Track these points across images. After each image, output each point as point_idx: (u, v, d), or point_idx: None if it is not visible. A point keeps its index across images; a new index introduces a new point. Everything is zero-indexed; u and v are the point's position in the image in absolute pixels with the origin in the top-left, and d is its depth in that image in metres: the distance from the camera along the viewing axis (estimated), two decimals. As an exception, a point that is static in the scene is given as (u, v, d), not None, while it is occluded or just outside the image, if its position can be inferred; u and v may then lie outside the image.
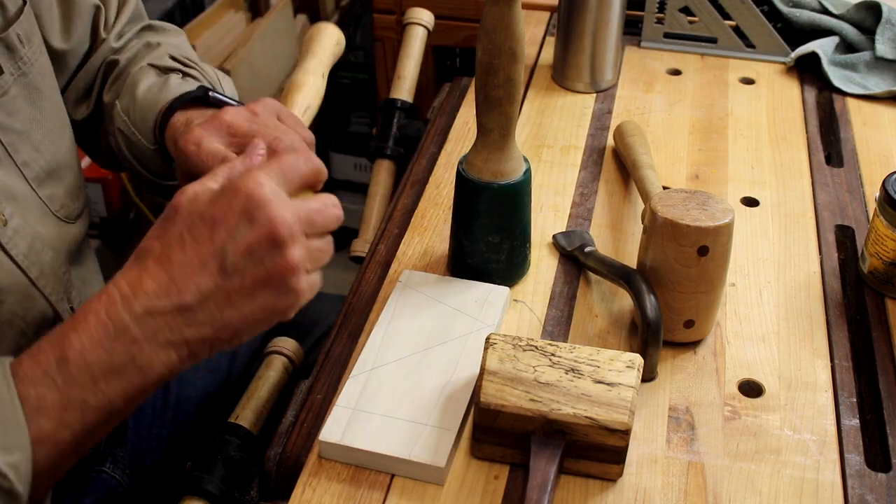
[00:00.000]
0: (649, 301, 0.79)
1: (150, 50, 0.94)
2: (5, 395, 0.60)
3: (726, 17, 1.24)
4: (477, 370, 0.78)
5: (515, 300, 0.89)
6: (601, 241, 0.96)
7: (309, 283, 0.65)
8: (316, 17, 2.36)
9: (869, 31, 1.25)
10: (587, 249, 0.91)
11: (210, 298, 0.61)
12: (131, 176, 0.92)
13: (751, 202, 1.01)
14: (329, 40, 1.15)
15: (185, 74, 0.93)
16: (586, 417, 0.70)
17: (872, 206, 1.00)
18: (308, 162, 0.66)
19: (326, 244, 0.66)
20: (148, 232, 0.64)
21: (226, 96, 0.89)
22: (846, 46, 1.26)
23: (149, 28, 0.97)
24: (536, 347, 0.74)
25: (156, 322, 0.61)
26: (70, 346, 0.61)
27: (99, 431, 0.64)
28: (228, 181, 0.63)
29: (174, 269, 0.61)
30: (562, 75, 1.20)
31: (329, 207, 0.66)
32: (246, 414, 0.81)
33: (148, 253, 0.63)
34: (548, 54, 1.27)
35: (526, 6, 1.35)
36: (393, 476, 0.73)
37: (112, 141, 0.91)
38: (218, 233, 0.61)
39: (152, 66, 0.92)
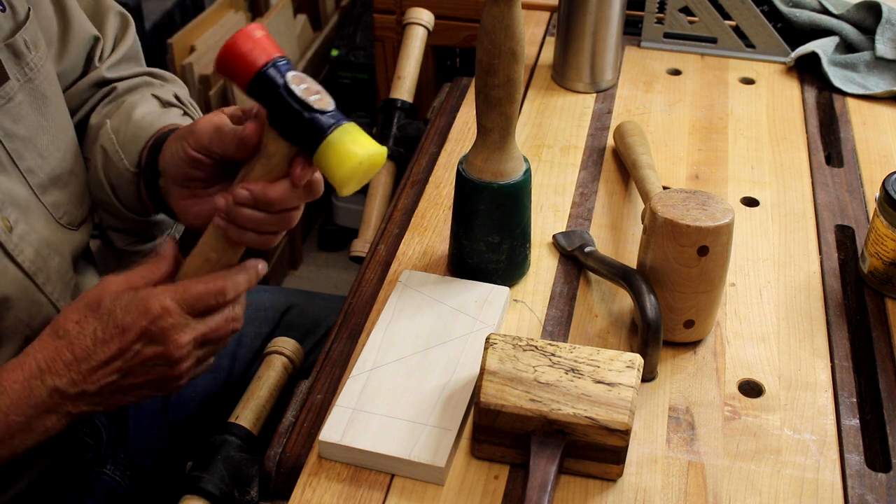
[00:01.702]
0: (649, 301, 0.79)
1: (154, 86, 0.94)
2: None
3: (726, 17, 1.24)
4: (477, 370, 0.78)
5: (515, 300, 0.89)
6: (601, 241, 0.96)
7: (191, 376, 0.76)
8: (316, 17, 2.36)
9: (869, 31, 1.25)
10: (587, 249, 0.91)
11: (107, 389, 0.72)
12: (95, 207, 0.90)
13: (751, 202, 1.01)
14: None
15: (185, 113, 0.93)
16: (586, 417, 0.70)
17: (872, 206, 1.00)
18: (211, 284, 0.72)
19: (217, 349, 0.77)
20: (69, 307, 0.73)
21: None
22: (846, 46, 1.26)
23: (151, 74, 0.97)
24: (536, 347, 0.74)
25: (61, 400, 0.71)
26: None
27: None
28: (143, 296, 0.71)
29: (82, 360, 0.71)
30: (562, 75, 1.20)
31: (227, 324, 0.74)
32: (246, 414, 0.81)
33: (65, 334, 0.72)
34: (548, 54, 1.27)
35: (526, 6, 1.35)
36: (393, 476, 0.73)
37: (88, 165, 0.89)
38: (124, 341, 0.71)
39: (155, 96, 0.92)
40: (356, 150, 0.67)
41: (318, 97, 0.67)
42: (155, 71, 0.97)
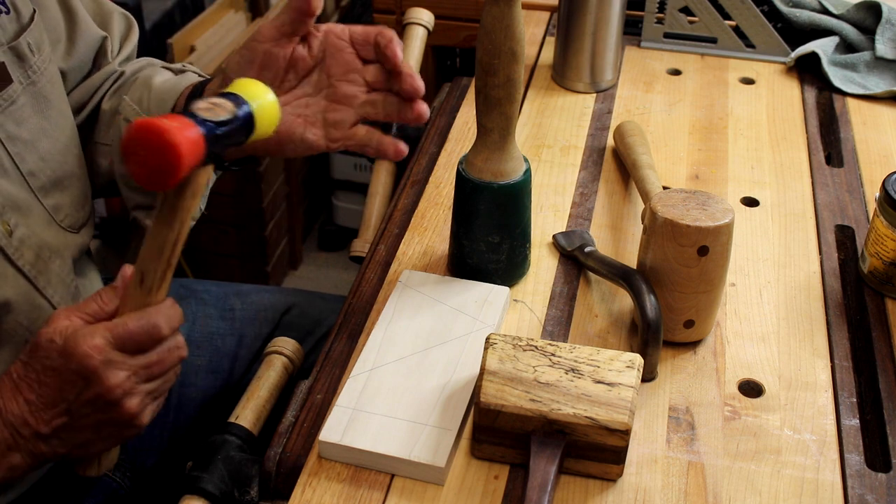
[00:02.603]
0: (649, 301, 0.79)
1: (159, 65, 0.95)
2: None
3: (726, 17, 1.24)
4: (477, 370, 0.78)
5: (515, 300, 0.89)
6: (601, 241, 0.96)
7: (152, 411, 0.73)
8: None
9: (869, 31, 1.25)
10: (587, 249, 0.91)
11: (61, 431, 0.71)
12: (123, 189, 0.89)
13: (751, 202, 1.01)
14: None
15: (199, 74, 0.93)
16: (586, 417, 0.70)
17: (872, 206, 1.00)
18: (143, 321, 0.69)
19: (170, 376, 0.74)
20: (24, 348, 0.71)
21: None
22: (846, 46, 1.26)
23: (151, 63, 0.97)
24: (536, 347, 0.74)
25: (20, 439, 0.70)
26: None
27: None
28: (71, 336, 0.68)
29: (31, 403, 0.70)
30: (562, 75, 1.20)
31: (169, 354, 0.72)
32: (246, 414, 0.81)
33: (17, 376, 0.71)
34: (548, 54, 1.27)
35: (526, 6, 1.35)
36: (393, 476, 0.73)
37: (102, 150, 0.90)
38: (63, 384, 0.69)
39: (166, 67, 0.93)
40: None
41: (212, 108, 0.67)
42: (154, 60, 0.98)
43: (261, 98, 0.69)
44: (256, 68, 0.78)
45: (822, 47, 1.22)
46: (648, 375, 0.81)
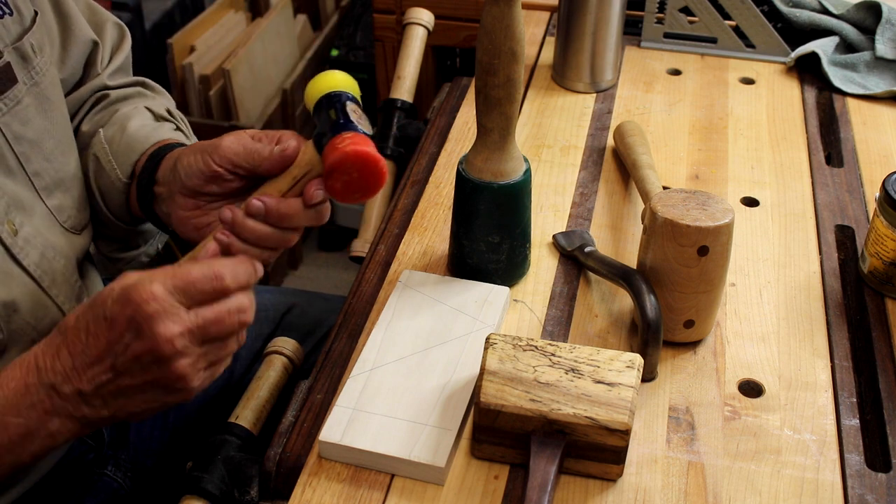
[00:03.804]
0: (649, 301, 0.79)
1: (146, 97, 0.95)
2: None
3: (726, 17, 1.25)
4: (477, 370, 0.78)
5: (515, 300, 0.89)
6: (601, 241, 0.96)
7: (203, 378, 0.69)
8: (316, 17, 2.36)
9: (869, 31, 1.25)
10: (587, 249, 0.91)
11: (104, 389, 0.67)
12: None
13: (751, 202, 1.01)
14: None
15: (177, 128, 0.93)
16: (586, 417, 0.70)
17: (872, 206, 1.00)
18: (206, 269, 0.67)
19: (229, 343, 0.70)
20: (79, 305, 0.70)
21: None
22: (846, 46, 1.26)
23: (143, 84, 0.97)
24: (536, 347, 0.74)
25: (60, 400, 0.67)
26: None
27: (4, 481, 0.71)
28: (129, 282, 0.66)
29: (76, 357, 0.67)
30: (562, 75, 1.20)
31: (230, 316, 0.68)
32: (246, 414, 0.81)
33: (65, 331, 0.68)
34: (548, 54, 1.27)
35: (526, 6, 1.35)
36: (393, 476, 0.73)
37: None
38: (111, 335, 0.66)
39: (148, 109, 0.92)
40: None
41: (362, 117, 0.75)
42: (146, 81, 0.97)
43: (356, 87, 0.77)
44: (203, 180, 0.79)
45: (822, 47, 1.22)
46: (648, 375, 0.81)
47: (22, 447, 0.68)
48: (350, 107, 0.75)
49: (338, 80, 0.76)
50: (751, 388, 0.80)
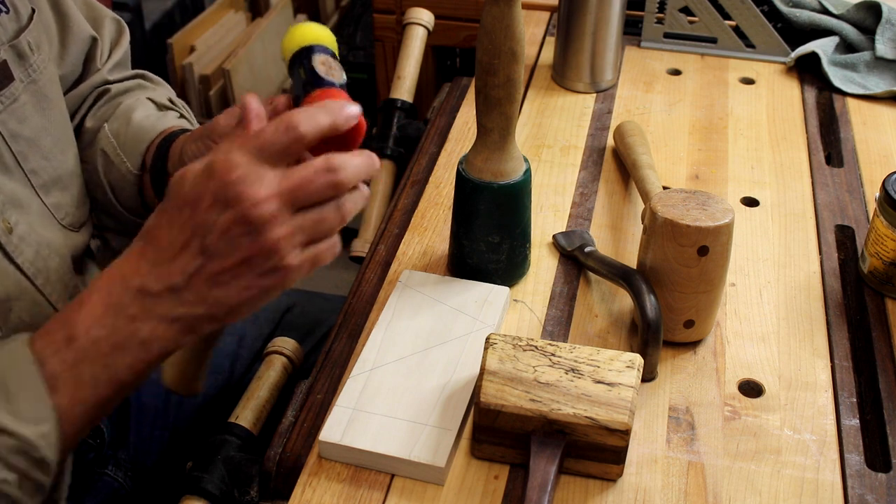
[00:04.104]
0: (649, 301, 0.79)
1: (147, 89, 0.95)
2: (29, 371, 0.63)
3: (726, 17, 1.25)
4: (477, 370, 0.78)
5: (515, 300, 0.89)
6: (601, 241, 0.96)
7: (302, 258, 0.64)
8: (316, 17, 2.36)
9: (869, 31, 1.25)
10: (587, 249, 0.91)
11: (197, 278, 0.63)
12: (93, 210, 0.90)
13: (751, 202, 1.01)
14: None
15: (181, 116, 0.94)
16: (586, 417, 0.70)
17: (872, 206, 1.00)
18: (278, 122, 0.62)
19: (326, 212, 0.63)
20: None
21: None
22: (846, 46, 1.26)
23: (143, 76, 0.97)
24: (536, 347, 0.74)
25: (150, 301, 0.63)
26: (76, 324, 0.64)
27: (109, 405, 0.66)
28: (207, 157, 0.62)
29: (162, 250, 0.63)
30: (562, 75, 1.20)
31: (318, 176, 0.62)
32: (246, 414, 0.81)
33: (146, 233, 0.65)
34: (548, 54, 1.27)
35: (526, 6, 1.35)
36: (393, 476, 0.73)
37: (85, 167, 0.90)
38: (196, 216, 0.62)
39: (151, 100, 0.92)
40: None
41: (332, 68, 0.72)
42: (146, 73, 0.98)
43: (332, 40, 0.73)
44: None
45: (822, 47, 1.22)
46: (648, 375, 0.81)
47: (115, 361, 0.64)
48: (318, 60, 0.71)
49: (306, 35, 0.72)
50: (751, 388, 0.80)
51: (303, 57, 0.71)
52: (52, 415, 0.63)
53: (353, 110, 0.65)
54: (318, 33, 0.72)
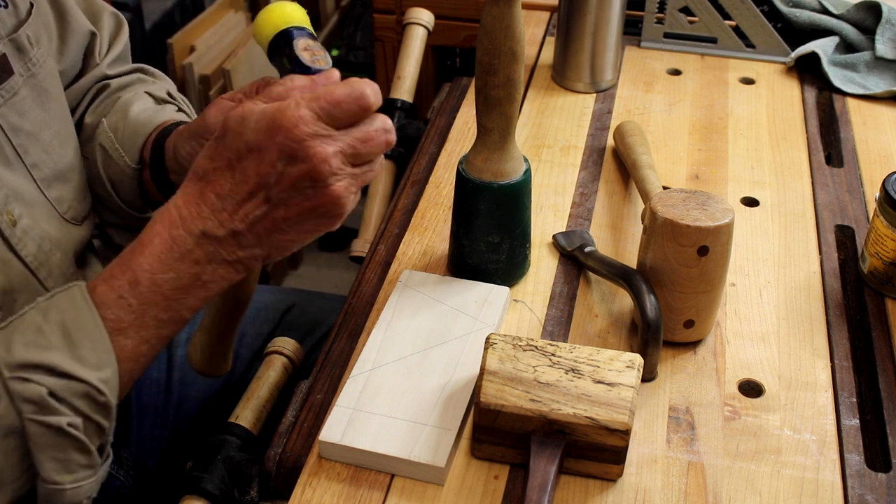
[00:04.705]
0: (649, 301, 0.79)
1: (146, 83, 0.95)
2: (90, 318, 0.65)
3: (726, 17, 1.25)
4: (477, 370, 0.78)
5: (515, 300, 0.89)
6: (601, 241, 0.96)
7: (353, 202, 0.68)
8: (316, 17, 2.36)
9: (869, 31, 1.25)
10: (587, 249, 0.91)
11: (259, 225, 0.66)
12: (95, 205, 0.91)
13: (751, 202, 1.01)
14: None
15: (179, 109, 0.94)
16: (586, 417, 0.70)
17: (872, 206, 1.00)
18: (349, 89, 0.65)
19: (373, 166, 0.68)
20: (203, 149, 0.67)
21: None
22: (846, 46, 1.26)
23: (142, 70, 0.98)
24: (536, 347, 0.74)
25: (213, 245, 0.66)
26: (140, 268, 0.66)
27: (166, 341, 0.69)
28: (272, 109, 0.64)
29: (225, 196, 0.65)
30: (562, 75, 1.20)
31: (377, 135, 0.66)
32: (246, 414, 0.81)
33: (203, 175, 0.66)
34: (548, 54, 1.27)
35: (526, 6, 1.35)
36: (393, 476, 0.73)
37: (86, 163, 0.90)
38: (262, 166, 0.64)
39: (149, 93, 0.93)
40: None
41: (316, 53, 0.72)
42: (145, 67, 0.98)
43: (305, 18, 0.72)
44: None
45: (822, 47, 1.22)
46: (648, 375, 0.81)
47: (178, 302, 0.67)
48: (300, 46, 0.70)
49: (276, 19, 0.71)
50: (751, 388, 0.80)
51: (283, 45, 0.70)
52: (113, 360, 0.65)
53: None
54: (289, 14, 0.71)
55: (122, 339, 0.66)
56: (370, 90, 0.65)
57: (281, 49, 0.71)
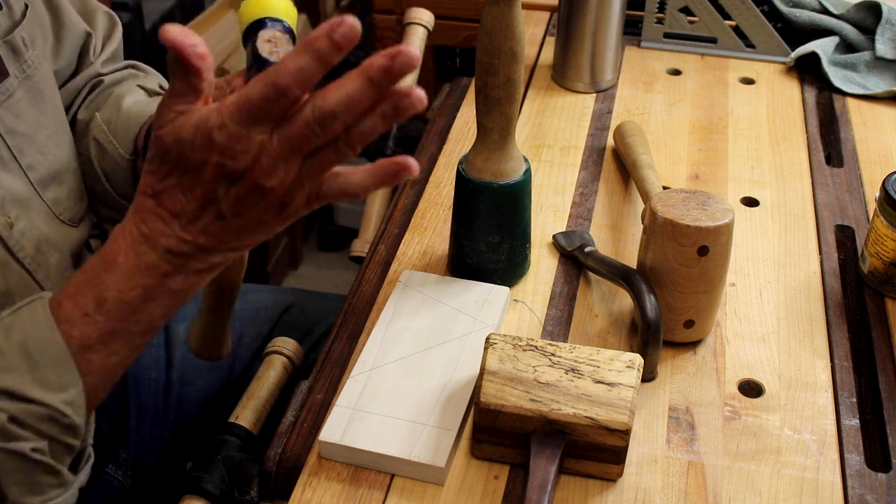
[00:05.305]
0: (649, 301, 0.79)
1: (139, 77, 0.96)
2: (51, 339, 0.64)
3: (726, 17, 1.25)
4: (477, 370, 0.78)
5: (515, 300, 0.89)
6: (601, 241, 0.96)
7: (307, 196, 0.63)
8: (316, 17, 2.36)
9: (869, 31, 1.25)
10: (587, 249, 0.91)
11: (221, 234, 0.64)
12: (91, 201, 0.90)
13: (751, 202, 1.01)
14: None
15: None
16: (586, 417, 0.70)
17: (872, 206, 1.00)
18: (261, 84, 0.59)
19: (327, 154, 0.61)
20: (145, 164, 0.64)
21: None
22: (846, 46, 1.26)
23: (134, 66, 0.98)
24: (536, 347, 0.74)
25: (180, 259, 0.64)
26: (106, 287, 0.64)
27: (142, 347, 0.68)
28: (196, 125, 0.60)
29: (180, 215, 0.63)
30: (562, 75, 1.20)
31: (311, 128, 0.59)
32: (246, 414, 0.81)
33: (154, 194, 0.63)
34: (548, 54, 1.27)
35: (526, 6, 1.35)
36: (393, 476, 0.73)
37: (80, 158, 0.90)
38: (204, 185, 0.61)
39: (141, 86, 0.93)
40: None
41: (279, 44, 0.68)
42: (137, 63, 0.98)
43: (289, 11, 0.69)
44: None
45: (822, 47, 1.22)
46: (648, 375, 0.81)
47: (148, 314, 0.65)
48: (263, 37, 0.67)
49: (254, 8, 0.68)
50: (751, 388, 0.80)
51: (248, 38, 0.68)
52: (77, 380, 0.64)
53: (337, 21, 0.61)
54: (271, 5, 0.68)
55: (90, 354, 0.65)
56: (282, 70, 0.58)
57: (246, 42, 0.69)
